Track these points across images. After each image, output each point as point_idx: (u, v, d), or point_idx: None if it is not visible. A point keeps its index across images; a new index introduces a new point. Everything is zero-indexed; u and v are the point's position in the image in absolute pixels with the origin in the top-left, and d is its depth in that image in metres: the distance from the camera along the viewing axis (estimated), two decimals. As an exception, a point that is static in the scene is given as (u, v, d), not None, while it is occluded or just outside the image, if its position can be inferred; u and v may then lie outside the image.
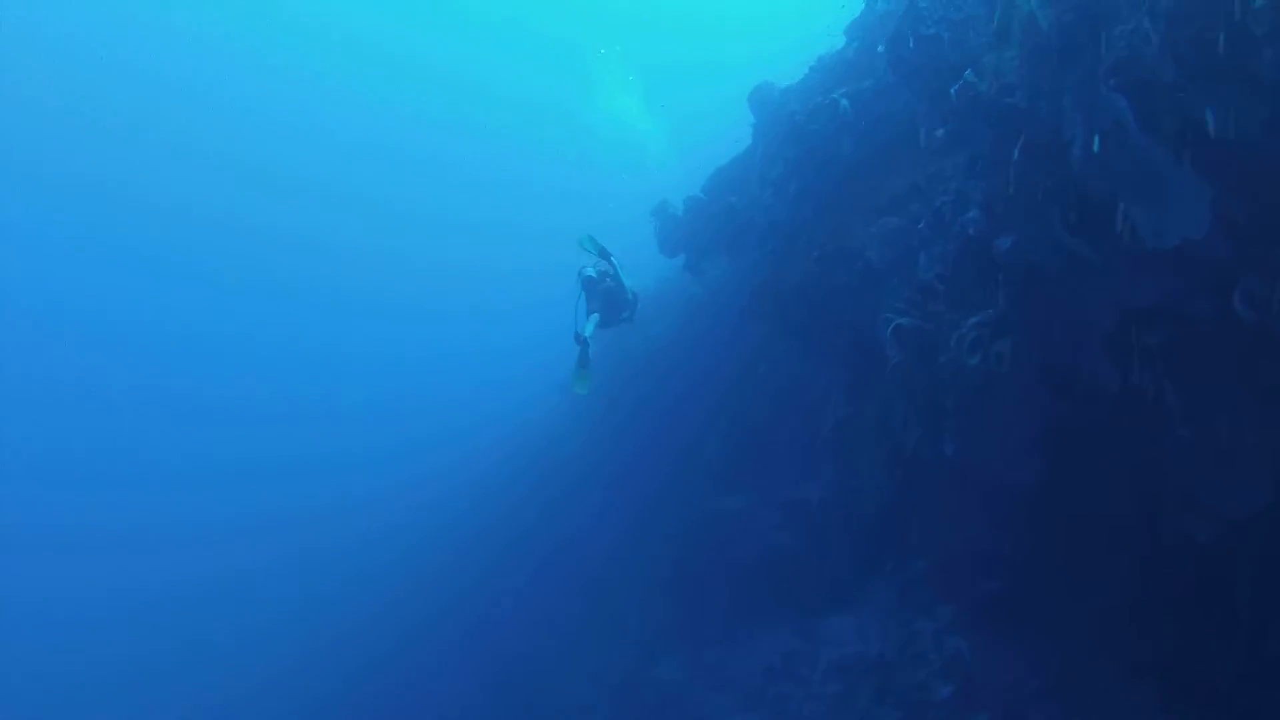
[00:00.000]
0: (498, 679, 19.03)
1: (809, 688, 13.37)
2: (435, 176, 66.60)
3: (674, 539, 16.80)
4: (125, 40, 54.81)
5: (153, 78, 56.92)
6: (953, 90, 7.13)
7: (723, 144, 18.24)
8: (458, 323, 56.22)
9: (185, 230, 59.78)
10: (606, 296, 14.18)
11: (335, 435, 47.20)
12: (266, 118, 63.52)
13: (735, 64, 43.10)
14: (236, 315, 60.28)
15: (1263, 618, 6.61)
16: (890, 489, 11.03)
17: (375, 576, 26.71)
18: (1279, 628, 6.55)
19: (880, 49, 8.23)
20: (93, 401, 54.46)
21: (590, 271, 14.13)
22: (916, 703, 11.19)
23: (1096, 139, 6.00)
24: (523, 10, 63.08)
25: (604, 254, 14.11)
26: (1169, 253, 5.96)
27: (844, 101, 11.78)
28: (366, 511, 32.95)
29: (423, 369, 52.54)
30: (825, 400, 13.23)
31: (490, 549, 22.59)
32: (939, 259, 8.18)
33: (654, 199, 18.06)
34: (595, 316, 13.86)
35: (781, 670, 13.91)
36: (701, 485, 16.09)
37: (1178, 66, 5.35)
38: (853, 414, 10.81)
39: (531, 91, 63.39)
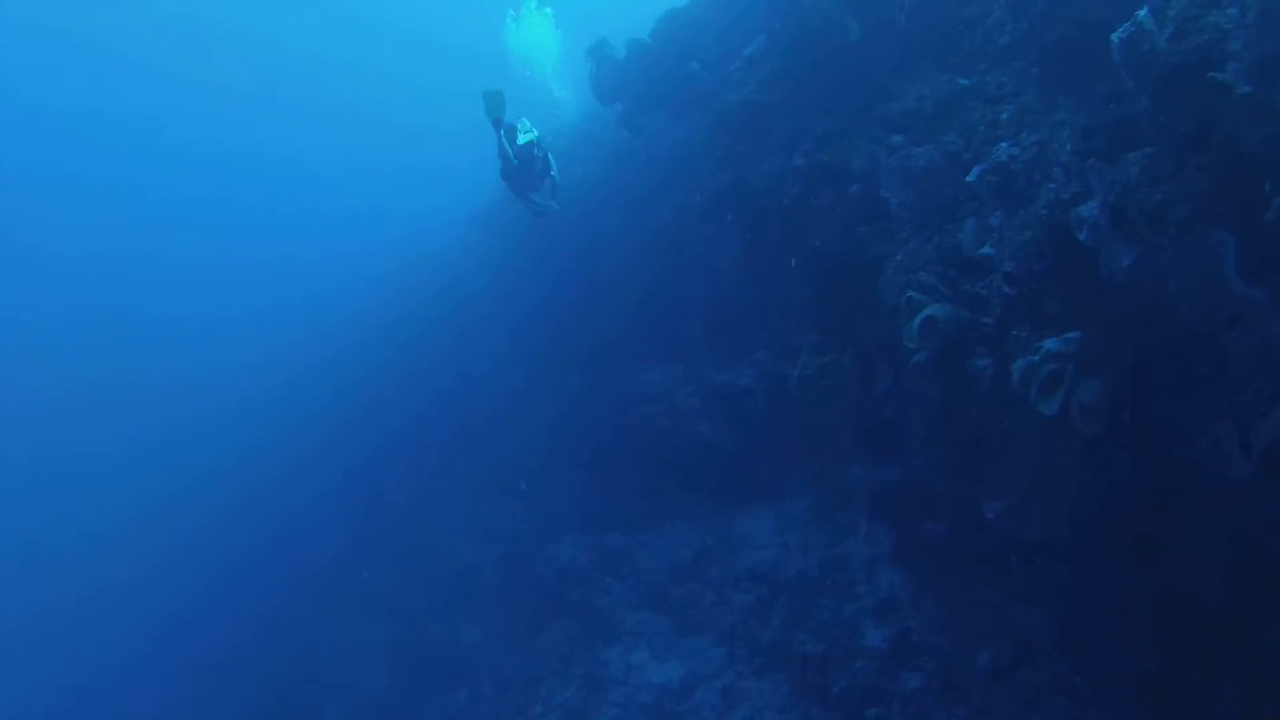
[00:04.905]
0: (378, 525, 17.19)
1: (719, 592, 12.04)
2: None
3: (582, 401, 15.03)
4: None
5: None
6: (1115, 38, 4.59)
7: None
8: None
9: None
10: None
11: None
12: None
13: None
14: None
15: None
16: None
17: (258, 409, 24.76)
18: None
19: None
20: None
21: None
22: (841, 642, 9.80)
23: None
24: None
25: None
26: None
27: (853, -32, 8.89)
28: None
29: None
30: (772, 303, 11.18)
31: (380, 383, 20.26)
32: (1008, 248, 5.83)
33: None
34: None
35: (691, 569, 12.52)
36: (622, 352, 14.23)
37: None
38: (828, 364, 8.66)
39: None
